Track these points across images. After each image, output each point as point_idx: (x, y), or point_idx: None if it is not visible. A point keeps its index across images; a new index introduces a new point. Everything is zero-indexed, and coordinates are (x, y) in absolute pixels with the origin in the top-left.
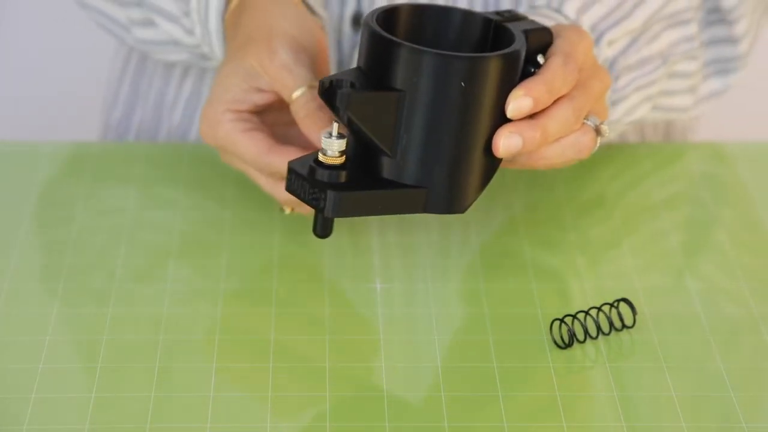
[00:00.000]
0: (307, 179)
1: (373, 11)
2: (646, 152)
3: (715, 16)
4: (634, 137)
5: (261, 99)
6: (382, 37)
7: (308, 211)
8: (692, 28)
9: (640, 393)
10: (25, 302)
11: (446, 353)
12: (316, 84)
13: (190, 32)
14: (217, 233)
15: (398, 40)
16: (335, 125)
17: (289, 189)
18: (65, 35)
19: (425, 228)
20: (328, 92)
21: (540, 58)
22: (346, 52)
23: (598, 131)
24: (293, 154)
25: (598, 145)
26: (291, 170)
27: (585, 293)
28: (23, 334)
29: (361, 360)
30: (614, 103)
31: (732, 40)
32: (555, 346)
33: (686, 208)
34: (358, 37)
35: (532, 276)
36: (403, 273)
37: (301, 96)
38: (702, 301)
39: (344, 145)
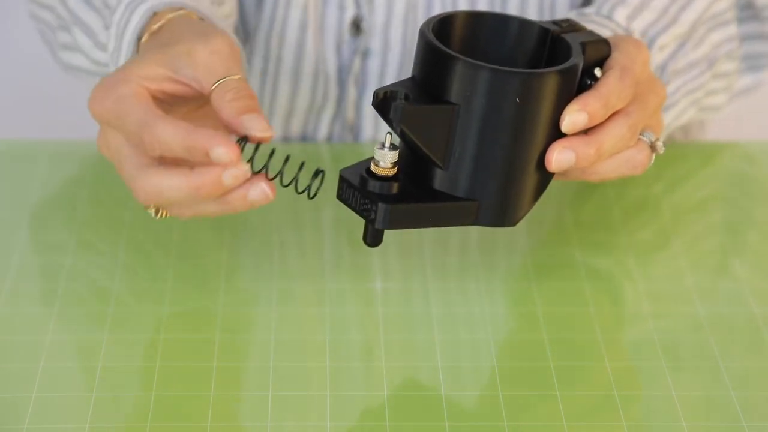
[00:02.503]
0: (358, 189)
1: (429, 20)
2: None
3: (748, 12)
4: None
5: (172, 88)
6: (438, 49)
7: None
8: (733, 29)
9: (640, 393)
10: (25, 302)
11: (446, 353)
12: (244, 79)
13: (103, 48)
14: (217, 232)
15: (453, 53)
16: (388, 136)
17: (340, 198)
18: None
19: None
20: (382, 104)
21: (597, 71)
22: (345, 57)
23: (653, 147)
24: (182, 126)
25: (653, 161)
26: (342, 179)
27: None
28: (23, 334)
29: (361, 360)
30: (665, 109)
31: (765, 36)
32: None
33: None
34: (358, 43)
35: (532, 274)
36: (403, 273)
37: (230, 80)
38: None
39: (396, 157)
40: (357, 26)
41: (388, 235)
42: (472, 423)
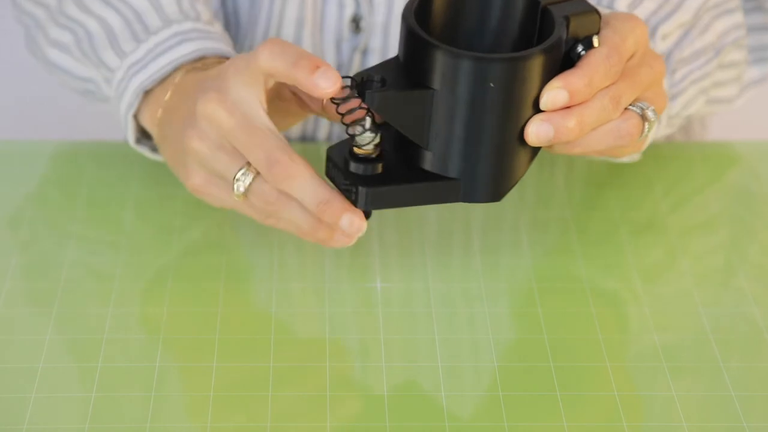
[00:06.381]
0: (341, 170)
1: (411, 1)
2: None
3: (752, 3)
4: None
5: (284, 93)
6: (414, 33)
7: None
8: (739, 16)
9: (640, 393)
10: (25, 302)
11: (446, 353)
12: None
13: (121, 54)
14: (217, 233)
15: (429, 39)
16: (368, 118)
17: (328, 175)
18: None
19: (425, 228)
20: (360, 89)
21: (595, 40)
22: (345, 56)
23: (644, 117)
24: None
25: (646, 131)
26: (329, 158)
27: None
28: (23, 334)
29: (360, 360)
30: (673, 97)
31: None
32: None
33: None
34: (357, 40)
35: (533, 276)
36: (403, 273)
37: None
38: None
39: (378, 138)
40: (356, 24)
41: (388, 234)
42: (472, 423)
